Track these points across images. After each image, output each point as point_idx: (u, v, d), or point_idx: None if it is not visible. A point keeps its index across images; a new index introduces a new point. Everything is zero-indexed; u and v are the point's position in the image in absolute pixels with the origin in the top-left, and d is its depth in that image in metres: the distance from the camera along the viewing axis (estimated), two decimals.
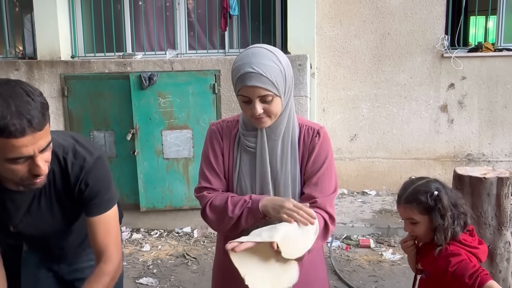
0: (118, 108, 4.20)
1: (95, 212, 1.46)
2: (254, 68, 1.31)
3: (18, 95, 1.14)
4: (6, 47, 5.28)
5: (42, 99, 1.19)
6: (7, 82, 1.18)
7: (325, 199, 1.45)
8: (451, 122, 5.00)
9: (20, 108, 1.13)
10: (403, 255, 3.81)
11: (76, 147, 1.43)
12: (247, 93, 1.34)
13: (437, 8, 4.83)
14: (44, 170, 1.24)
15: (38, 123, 1.15)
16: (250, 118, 1.41)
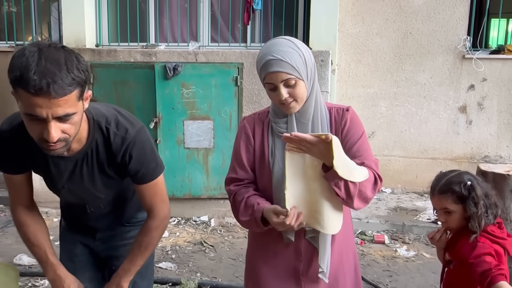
0: (142, 97, 4.29)
1: (142, 181, 1.54)
2: (273, 55, 1.40)
3: (55, 59, 1.18)
4: (33, 34, 5.40)
5: (80, 73, 1.22)
6: (58, 47, 1.23)
7: (371, 162, 1.49)
8: (469, 123, 5.01)
9: (50, 69, 1.16)
10: (417, 252, 3.86)
11: (119, 118, 1.48)
12: (271, 79, 1.42)
13: (460, 9, 4.84)
14: (54, 137, 1.24)
15: (58, 90, 1.16)
16: (279, 105, 1.48)
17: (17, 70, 1.17)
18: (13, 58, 1.20)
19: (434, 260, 3.72)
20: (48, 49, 1.20)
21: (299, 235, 1.53)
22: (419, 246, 3.97)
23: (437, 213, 1.77)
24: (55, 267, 1.58)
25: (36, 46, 1.21)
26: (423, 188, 5.14)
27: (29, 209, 1.60)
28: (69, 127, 1.27)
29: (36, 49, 1.19)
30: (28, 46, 1.21)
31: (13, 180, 1.54)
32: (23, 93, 1.18)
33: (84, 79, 1.24)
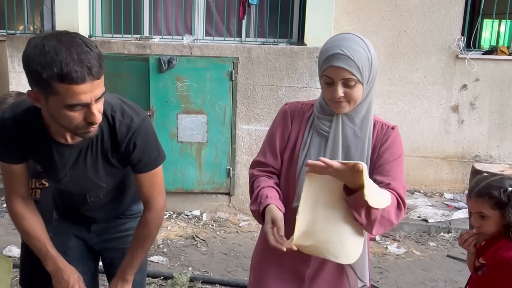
0: (135, 90, 4.26)
1: (143, 170, 1.55)
2: (343, 50, 1.33)
3: (78, 45, 1.21)
4: (25, 23, 5.32)
5: (98, 50, 1.26)
6: (67, 34, 1.25)
7: (399, 185, 1.42)
8: (461, 123, 5.05)
9: (81, 56, 1.19)
10: (407, 249, 3.90)
11: (124, 106, 1.48)
12: (332, 73, 1.36)
13: (455, 9, 4.86)
14: (99, 118, 1.30)
15: (97, 71, 1.22)
16: (329, 101, 1.42)
17: (51, 68, 1.18)
18: (35, 56, 1.20)
19: (423, 258, 3.77)
20: (66, 38, 1.22)
21: None
22: (410, 244, 4.01)
23: (472, 216, 1.70)
24: (56, 259, 1.58)
25: (54, 38, 1.21)
26: (414, 186, 5.18)
27: (25, 201, 1.59)
28: (101, 105, 1.32)
29: (55, 42, 1.20)
30: (45, 41, 1.21)
31: (12, 170, 1.52)
32: (66, 86, 1.20)
33: (101, 54, 1.28)
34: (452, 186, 5.14)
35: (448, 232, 4.19)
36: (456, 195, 4.99)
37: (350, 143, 1.45)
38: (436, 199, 4.95)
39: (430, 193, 5.12)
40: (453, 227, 4.20)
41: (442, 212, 4.51)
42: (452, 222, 4.28)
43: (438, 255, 3.82)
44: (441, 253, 3.86)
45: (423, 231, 4.23)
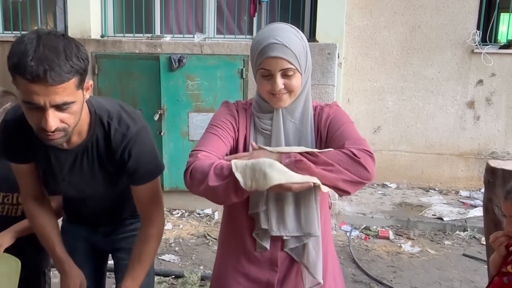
0: (146, 88, 4.27)
1: (138, 182, 1.48)
2: (277, 40, 1.26)
3: (54, 46, 1.16)
4: (38, 24, 5.38)
5: (79, 61, 1.19)
6: (58, 35, 1.21)
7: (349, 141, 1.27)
8: (477, 119, 4.95)
9: (45, 56, 1.14)
10: (422, 248, 3.83)
11: (122, 114, 1.43)
12: (269, 65, 1.28)
13: (470, 3, 4.76)
14: (51, 126, 1.21)
15: (55, 77, 1.14)
16: (268, 95, 1.34)
17: (15, 56, 1.16)
18: (13, 45, 1.19)
19: (439, 257, 3.70)
20: (48, 37, 1.18)
21: (275, 246, 1.39)
22: (424, 242, 3.94)
23: (506, 220, 1.60)
24: (62, 261, 1.57)
25: (35, 33, 1.19)
26: (428, 183, 5.10)
27: (38, 201, 1.58)
28: (68, 117, 1.24)
29: (35, 36, 1.17)
30: (28, 34, 1.20)
31: (20, 170, 1.52)
32: (21, 80, 1.16)
33: (83, 67, 1.21)
34: (468, 184, 5.04)
35: (464, 230, 4.11)
36: (472, 193, 4.90)
37: (294, 138, 1.38)
38: (451, 196, 4.86)
39: (445, 190, 5.03)
40: (469, 226, 4.12)
41: (457, 210, 4.42)
42: (468, 220, 4.19)
43: (454, 254, 3.75)
44: (457, 252, 3.78)
45: (438, 229, 4.15)
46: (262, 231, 1.38)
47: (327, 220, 1.51)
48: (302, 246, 1.39)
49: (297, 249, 1.40)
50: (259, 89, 1.38)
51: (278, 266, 1.42)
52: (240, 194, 1.21)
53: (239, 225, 1.44)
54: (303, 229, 1.37)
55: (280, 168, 1.12)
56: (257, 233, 1.39)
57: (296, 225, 1.37)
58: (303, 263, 1.41)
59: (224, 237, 1.55)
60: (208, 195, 1.25)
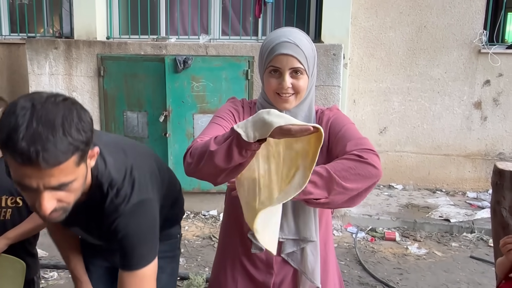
0: (152, 90, 4.27)
1: (125, 266, 1.29)
2: (290, 39, 1.30)
3: (49, 120, 0.99)
4: (44, 26, 5.41)
5: (80, 135, 1.02)
6: (56, 102, 1.03)
7: (351, 143, 1.28)
8: (484, 120, 4.91)
9: (39, 134, 0.97)
10: (429, 250, 3.80)
11: (125, 183, 1.27)
12: (279, 62, 1.30)
13: (477, 2, 4.72)
14: (46, 210, 1.06)
15: (49, 159, 0.97)
16: (274, 95, 1.34)
17: (4, 131, 0.99)
18: (3, 114, 1.02)
19: (445, 259, 3.67)
20: (43, 106, 1.01)
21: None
22: (431, 244, 3.91)
23: None
24: (78, 283, 1.55)
25: (30, 101, 1.01)
26: (435, 185, 5.07)
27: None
28: (67, 195, 1.09)
29: (29, 106, 1.00)
30: (21, 101, 1.02)
31: None
32: (11, 159, 1.00)
33: (85, 140, 1.04)
34: (475, 185, 5.00)
35: (471, 232, 4.07)
36: (479, 194, 4.86)
37: None
38: (458, 198, 4.82)
39: (452, 192, 4.99)
40: (476, 227, 4.08)
41: (464, 211, 4.39)
42: (475, 222, 4.16)
43: (461, 256, 3.72)
44: (464, 254, 3.75)
45: (445, 231, 4.12)
46: None
47: (328, 225, 1.50)
48: (300, 251, 1.39)
49: (295, 255, 1.40)
50: (265, 89, 1.38)
51: (274, 269, 1.42)
52: (243, 152, 1.12)
53: (237, 225, 1.44)
54: (300, 233, 1.37)
55: (278, 114, 1.10)
56: (252, 233, 1.38)
57: (292, 228, 1.37)
58: (300, 269, 1.40)
59: (223, 237, 1.56)
60: (209, 166, 1.17)
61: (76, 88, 4.58)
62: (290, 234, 1.37)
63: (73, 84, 4.58)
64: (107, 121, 4.53)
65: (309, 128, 1.06)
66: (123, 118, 4.43)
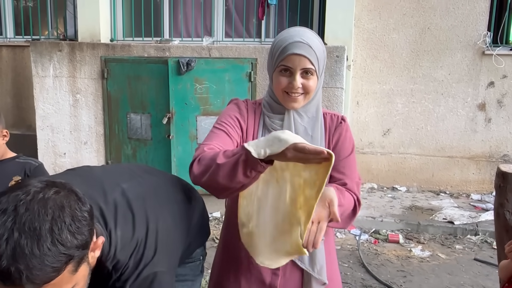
0: (155, 92, 4.28)
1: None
2: (303, 39, 1.30)
3: (35, 228, 0.83)
4: (49, 28, 5.44)
5: (75, 239, 0.87)
6: (45, 198, 0.87)
7: (354, 184, 1.42)
8: (488, 121, 4.89)
9: (21, 249, 0.82)
10: (432, 252, 3.79)
11: (130, 263, 1.14)
12: (291, 62, 1.31)
13: (480, 4, 4.71)
14: None
15: (35, 280, 0.83)
16: (282, 94, 1.35)
17: None
18: None
19: (449, 261, 3.65)
20: (28, 208, 0.84)
21: None
22: (435, 246, 3.89)
23: None
24: None
25: (14, 202, 0.85)
26: (439, 187, 5.05)
27: None
28: None
29: (11, 208, 0.84)
30: (3, 202, 0.85)
31: None
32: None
33: (82, 244, 0.89)
34: (479, 187, 4.98)
35: (475, 234, 4.05)
36: (483, 196, 4.83)
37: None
38: (462, 200, 4.80)
39: (456, 194, 4.97)
40: (480, 229, 4.06)
41: (468, 213, 4.37)
42: (480, 224, 4.14)
43: (465, 258, 3.70)
44: (468, 256, 3.73)
45: (449, 233, 4.10)
46: None
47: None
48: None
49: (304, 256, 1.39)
50: (273, 87, 1.39)
51: (280, 269, 1.42)
52: (248, 171, 1.11)
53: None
54: None
55: (293, 134, 1.10)
56: None
57: None
58: (308, 269, 1.41)
59: (225, 239, 1.56)
60: (212, 181, 1.17)
61: (80, 90, 4.60)
62: None
63: (77, 86, 4.60)
64: (111, 123, 4.55)
65: (323, 151, 1.04)
66: (127, 120, 4.44)
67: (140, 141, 4.45)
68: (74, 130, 4.67)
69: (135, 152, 4.49)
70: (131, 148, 4.50)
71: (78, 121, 4.65)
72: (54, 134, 4.69)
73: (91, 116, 4.61)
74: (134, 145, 4.48)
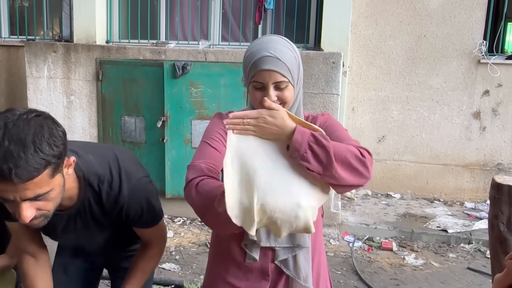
0: (150, 95, 4.26)
1: (140, 227, 1.54)
2: (270, 52, 1.27)
3: (21, 138, 1.07)
4: (44, 29, 5.40)
5: (52, 149, 1.11)
6: (28, 119, 1.11)
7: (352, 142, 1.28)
8: (483, 130, 4.90)
9: (10, 152, 1.05)
10: (426, 260, 3.78)
11: (113, 174, 1.39)
12: (263, 78, 1.28)
13: (477, 13, 4.73)
14: (26, 219, 1.15)
15: (21, 175, 1.06)
16: (261, 106, 1.31)
17: None
18: None
19: (443, 270, 3.64)
20: (15, 124, 1.09)
21: (265, 256, 1.39)
22: (428, 255, 3.89)
23: None
24: None
25: (3, 120, 1.09)
26: (433, 194, 5.05)
27: (33, 258, 1.53)
28: (45, 204, 1.18)
29: (2, 124, 1.08)
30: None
31: (13, 227, 1.49)
32: None
33: (57, 154, 1.13)
34: (473, 195, 4.98)
35: (469, 243, 4.05)
36: (477, 204, 4.84)
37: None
38: (456, 208, 4.80)
39: (450, 202, 4.97)
40: (474, 238, 4.06)
41: (462, 222, 4.37)
42: (473, 233, 4.14)
43: (458, 267, 3.70)
44: (461, 265, 3.73)
45: (443, 241, 4.10)
46: (251, 241, 1.37)
47: (319, 229, 1.50)
48: (293, 258, 1.40)
49: (288, 261, 1.40)
50: (251, 101, 1.38)
51: (270, 275, 1.42)
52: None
53: (228, 235, 1.42)
54: (294, 240, 1.38)
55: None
56: (246, 243, 1.39)
57: (286, 236, 1.33)
58: (294, 275, 1.41)
59: (214, 248, 1.54)
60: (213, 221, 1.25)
61: (74, 92, 4.57)
62: (284, 242, 1.38)
63: (71, 87, 4.56)
64: (105, 125, 4.51)
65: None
66: (121, 123, 4.41)
67: (134, 144, 4.42)
68: (68, 132, 4.54)
69: None
70: None
71: (72, 123, 4.61)
72: None
73: (85, 118, 4.57)
74: (128, 148, 4.45)
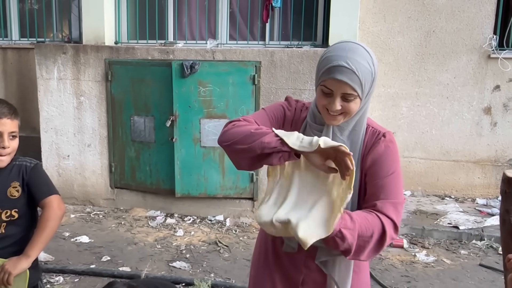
0: (159, 95, 4.28)
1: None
2: (348, 64, 1.25)
3: None
4: (54, 31, 5.45)
5: None
6: None
7: (388, 203, 1.32)
8: (494, 125, 4.85)
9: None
10: (437, 257, 3.75)
11: None
12: (332, 86, 1.28)
13: (486, 7, 4.68)
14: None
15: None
16: (323, 110, 1.35)
17: None
18: None
19: (454, 266, 3.62)
20: None
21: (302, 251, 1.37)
22: (439, 252, 3.86)
23: None
24: None
25: None
26: (444, 191, 5.01)
27: None
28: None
29: None
30: None
31: None
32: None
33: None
34: (485, 191, 4.93)
35: (481, 239, 4.01)
36: (489, 201, 4.79)
37: None
38: (467, 204, 4.76)
39: (461, 198, 4.93)
40: (486, 235, 4.02)
41: (474, 218, 4.33)
42: (485, 229, 4.10)
43: (470, 264, 3.66)
44: (473, 261, 3.70)
45: (454, 238, 4.07)
46: None
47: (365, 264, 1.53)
48: (332, 260, 1.40)
49: (328, 262, 1.41)
50: (316, 101, 1.38)
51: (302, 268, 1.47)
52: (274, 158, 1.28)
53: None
54: None
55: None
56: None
57: None
58: (332, 277, 1.41)
59: (260, 240, 1.63)
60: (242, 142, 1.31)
61: (83, 93, 4.61)
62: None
63: (81, 88, 4.60)
64: (114, 125, 4.55)
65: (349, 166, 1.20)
66: (130, 123, 4.44)
67: (144, 144, 4.44)
68: (78, 133, 4.67)
69: (139, 155, 4.48)
70: (135, 150, 4.50)
71: (82, 123, 4.65)
72: (58, 136, 4.70)
73: (95, 118, 4.61)
74: (138, 147, 4.48)
